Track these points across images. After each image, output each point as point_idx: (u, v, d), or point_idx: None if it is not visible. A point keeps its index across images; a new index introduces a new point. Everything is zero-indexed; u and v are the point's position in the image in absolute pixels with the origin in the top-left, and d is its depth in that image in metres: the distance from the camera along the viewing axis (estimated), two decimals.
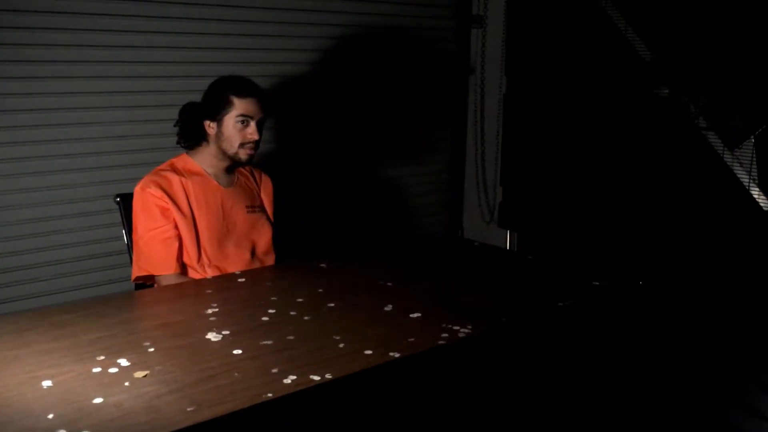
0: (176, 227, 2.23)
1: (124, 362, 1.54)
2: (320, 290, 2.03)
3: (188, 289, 2.08)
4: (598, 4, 3.51)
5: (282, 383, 1.45)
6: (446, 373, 1.71)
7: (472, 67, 4.06)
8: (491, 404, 1.82)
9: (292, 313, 1.85)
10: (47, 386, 1.43)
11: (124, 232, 2.37)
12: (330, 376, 1.48)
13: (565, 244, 3.61)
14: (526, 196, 3.91)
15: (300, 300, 1.95)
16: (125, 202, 2.37)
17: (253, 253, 2.38)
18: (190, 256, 2.26)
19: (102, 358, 1.56)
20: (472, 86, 4.08)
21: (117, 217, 2.42)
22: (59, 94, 2.74)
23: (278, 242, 2.47)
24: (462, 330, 1.74)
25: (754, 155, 3.11)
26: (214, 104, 2.29)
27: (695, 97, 3.27)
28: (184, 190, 2.27)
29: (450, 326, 1.75)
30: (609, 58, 3.51)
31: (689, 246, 3.25)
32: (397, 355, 1.59)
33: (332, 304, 1.92)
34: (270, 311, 1.86)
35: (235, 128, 2.27)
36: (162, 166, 2.33)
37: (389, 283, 2.10)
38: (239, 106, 2.27)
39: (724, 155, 3.20)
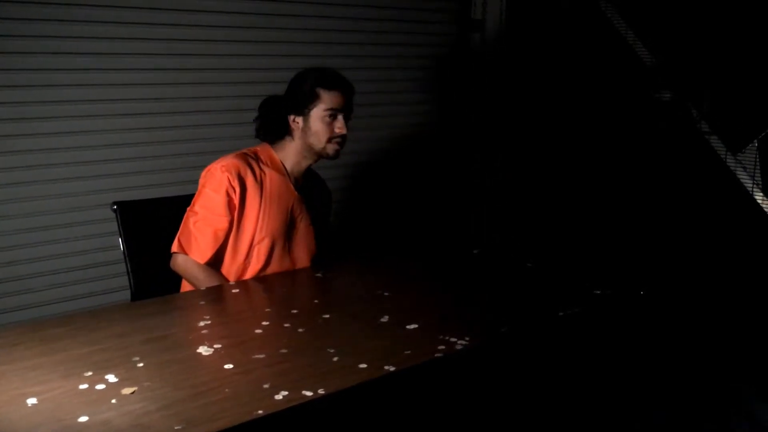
0: (231, 223, 2.17)
1: (112, 378, 1.50)
2: (315, 301, 2.00)
3: (181, 301, 2.04)
4: (599, 8, 3.48)
5: (273, 399, 1.41)
6: (443, 386, 1.67)
7: (471, 72, 4.02)
8: (490, 419, 1.78)
9: (285, 325, 1.81)
10: (32, 404, 1.39)
11: (120, 240, 2.32)
12: (323, 392, 1.45)
13: (566, 250, 3.57)
14: (527, 202, 3.87)
15: (294, 311, 1.91)
16: (123, 210, 2.31)
17: (296, 262, 2.33)
18: (239, 252, 2.20)
19: (90, 373, 1.52)
20: (472, 90, 4.05)
21: (112, 226, 2.36)
22: (53, 101, 2.70)
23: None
24: (459, 342, 1.69)
25: (758, 159, 3.07)
26: (299, 98, 2.20)
27: (697, 101, 3.24)
28: (261, 185, 2.21)
29: (447, 338, 1.71)
30: (610, 62, 3.47)
31: (692, 252, 3.21)
32: (392, 368, 1.55)
33: (327, 316, 1.88)
34: (264, 323, 1.82)
35: (323, 122, 2.19)
36: (247, 151, 2.25)
37: (386, 293, 2.06)
38: (327, 99, 2.19)
39: (727, 159, 3.16)
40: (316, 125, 2.20)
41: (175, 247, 2.17)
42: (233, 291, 2.10)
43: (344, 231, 3.61)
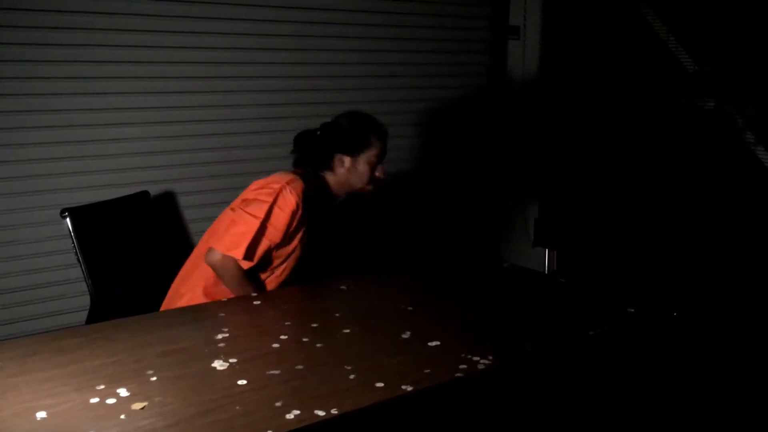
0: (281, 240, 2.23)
1: (123, 392, 1.48)
2: (337, 314, 1.95)
3: (200, 313, 2.02)
4: (638, 12, 3.38)
5: (284, 419, 1.37)
6: (463, 408, 1.60)
7: (508, 78, 3.95)
8: None
9: (304, 339, 1.77)
10: (41, 418, 1.38)
11: (74, 247, 2.28)
12: (336, 412, 1.40)
13: (602, 264, 3.46)
14: (563, 213, 3.77)
15: (314, 325, 1.87)
16: (73, 216, 2.28)
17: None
18: (273, 263, 2.26)
19: (102, 387, 1.50)
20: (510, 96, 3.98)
21: (66, 243, 2.32)
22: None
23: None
24: (482, 361, 1.63)
25: None
26: (354, 141, 2.34)
27: (742, 109, 3.11)
28: (307, 208, 2.28)
29: (469, 356, 1.65)
30: (650, 69, 3.37)
31: (737, 269, 3.08)
32: (409, 388, 1.50)
33: (347, 330, 1.83)
34: (282, 337, 1.78)
35: (369, 166, 2.35)
36: (300, 173, 2.31)
37: (410, 308, 2.01)
38: (378, 147, 2.36)
39: None
40: (363, 168, 2.35)
41: (239, 255, 2.13)
42: (254, 303, 2.07)
43: (373, 241, 3.56)
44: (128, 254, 2.45)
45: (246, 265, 2.17)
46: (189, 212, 3.00)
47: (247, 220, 2.17)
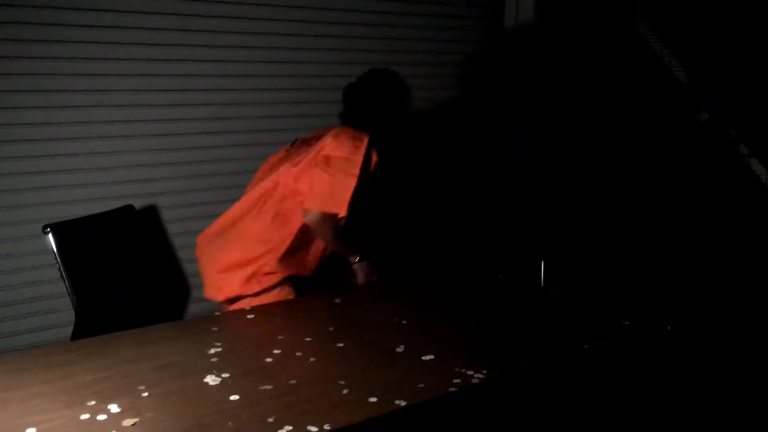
0: None
1: (114, 408, 1.47)
2: (330, 328, 1.94)
3: (193, 327, 2.00)
4: (631, 23, 3.39)
5: None
6: (457, 423, 1.59)
7: (502, 82, 3.95)
8: None
9: (298, 353, 1.76)
10: None
11: (57, 262, 2.26)
12: (329, 427, 1.39)
13: (597, 275, 3.45)
14: (560, 223, 3.77)
15: (308, 339, 1.86)
16: (56, 231, 2.28)
17: None
18: None
19: (93, 403, 1.49)
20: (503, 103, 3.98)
21: (46, 258, 2.32)
22: None
23: None
24: (476, 375, 1.62)
25: None
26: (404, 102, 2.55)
27: (736, 122, 3.11)
28: None
29: (464, 371, 1.64)
30: (644, 81, 3.37)
31: (730, 283, 3.07)
32: (403, 403, 1.49)
33: (341, 344, 1.82)
34: (275, 351, 1.77)
35: None
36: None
37: (404, 321, 2.00)
38: None
39: None
40: None
41: (342, 211, 2.21)
42: (248, 317, 2.06)
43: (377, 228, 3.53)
44: (113, 269, 2.45)
45: (343, 220, 2.23)
46: (174, 226, 2.97)
47: (343, 179, 2.22)
